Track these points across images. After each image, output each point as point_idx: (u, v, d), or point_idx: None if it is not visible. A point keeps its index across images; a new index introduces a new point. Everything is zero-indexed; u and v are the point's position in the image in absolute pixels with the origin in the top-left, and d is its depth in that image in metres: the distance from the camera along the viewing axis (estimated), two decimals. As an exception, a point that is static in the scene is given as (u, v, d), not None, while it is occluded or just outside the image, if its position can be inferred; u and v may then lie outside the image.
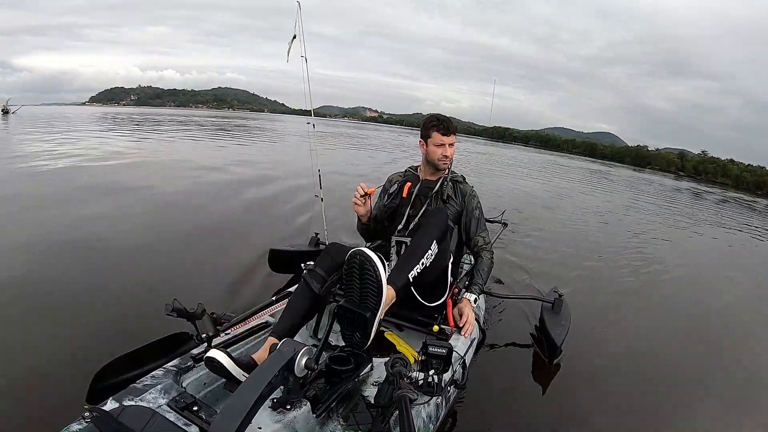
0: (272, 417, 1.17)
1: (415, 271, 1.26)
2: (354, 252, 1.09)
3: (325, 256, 1.38)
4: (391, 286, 1.19)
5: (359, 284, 1.08)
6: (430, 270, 1.37)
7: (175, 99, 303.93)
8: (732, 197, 22.80)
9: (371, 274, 1.07)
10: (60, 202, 3.80)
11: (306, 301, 1.32)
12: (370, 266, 1.07)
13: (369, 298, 1.08)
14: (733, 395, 2.02)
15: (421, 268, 1.28)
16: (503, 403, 1.69)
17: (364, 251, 1.08)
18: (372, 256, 1.07)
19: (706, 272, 4.56)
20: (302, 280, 1.35)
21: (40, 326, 1.83)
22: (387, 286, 1.15)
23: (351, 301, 1.11)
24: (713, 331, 2.82)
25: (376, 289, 1.07)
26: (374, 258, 1.08)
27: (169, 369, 1.13)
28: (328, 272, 1.34)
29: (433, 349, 1.14)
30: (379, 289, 1.07)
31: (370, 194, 1.57)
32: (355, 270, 1.09)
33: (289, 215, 4.04)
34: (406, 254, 1.31)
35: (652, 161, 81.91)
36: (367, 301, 1.09)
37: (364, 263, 1.07)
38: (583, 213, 7.38)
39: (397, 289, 1.20)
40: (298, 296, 1.34)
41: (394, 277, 1.23)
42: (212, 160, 7.73)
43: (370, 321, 1.07)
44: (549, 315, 2.16)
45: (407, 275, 1.25)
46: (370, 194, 1.57)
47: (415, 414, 1.09)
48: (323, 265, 1.35)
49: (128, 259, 2.65)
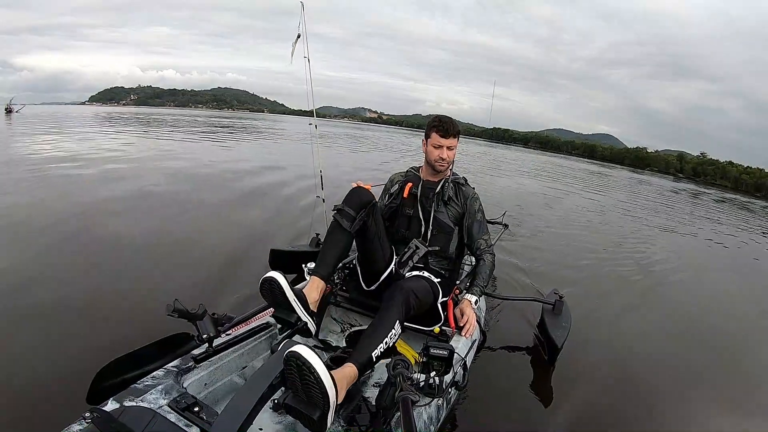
0: (273, 418, 1.17)
1: (379, 351, 1.19)
2: (288, 356, 0.95)
3: (352, 195, 1.46)
4: (353, 364, 1.12)
5: (301, 386, 0.96)
6: (420, 307, 1.41)
7: (175, 99, 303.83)
8: (728, 198, 22.89)
9: (311, 380, 0.93)
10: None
11: (340, 240, 1.42)
12: (308, 372, 0.93)
13: (315, 399, 0.95)
14: (734, 395, 2.02)
15: (385, 347, 1.21)
16: (504, 405, 1.69)
17: (298, 353, 0.93)
18: (309, 359, 0.93)
19: (703, 272, 4.58)
20: (333, 220, 1.44)
21: (41, 326, 1.82)
22: (348, 365, 1.11)
23: (298, 399, 0.97)
24: (712, 331, 2.83)
25: (320, 392, 0.94)
26: (311, 361, 0.93)
27: (170, 369, 1.13)
28: (356, 210, 1.43)
29: (434, 350, 1.14)
30: (324, 394, 0.93)
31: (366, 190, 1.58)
32: (294, 373, 0.96)
33: (293, 218, 4.05)
34: (368, 334, 1.23)
35: (651, 163, 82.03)
36: (313, 401, 0.95)
37: (302, 368, 0.93)
38: (582, 211, 7.43)
39: (360, 367, 1.13)
40: (332, 235, 1.44)
41: (357, 356, 1.16)
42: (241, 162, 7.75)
43: (320, 421, 0.94)
44: (549, 316, 2.16)
45: (370, 354, 1.18)
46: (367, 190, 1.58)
47: (416, 415, 1.08)
48: (351, 204, 1.44)
49: (130, 259, 2.65)
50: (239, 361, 1.36)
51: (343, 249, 1.43)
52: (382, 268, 1.55)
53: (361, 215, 1.44)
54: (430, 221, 1.66)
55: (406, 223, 1.69)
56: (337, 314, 1.80)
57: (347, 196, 1.47)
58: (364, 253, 1.57)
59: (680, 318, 2.99)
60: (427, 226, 1.66)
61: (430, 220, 1.66)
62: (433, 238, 1.66)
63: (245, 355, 1.38)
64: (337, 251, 1.42)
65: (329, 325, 1.78)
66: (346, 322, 1.78)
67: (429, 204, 1.67)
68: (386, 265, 1.56)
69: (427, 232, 1.66)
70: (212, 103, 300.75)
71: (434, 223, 1.66)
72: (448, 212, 1.67)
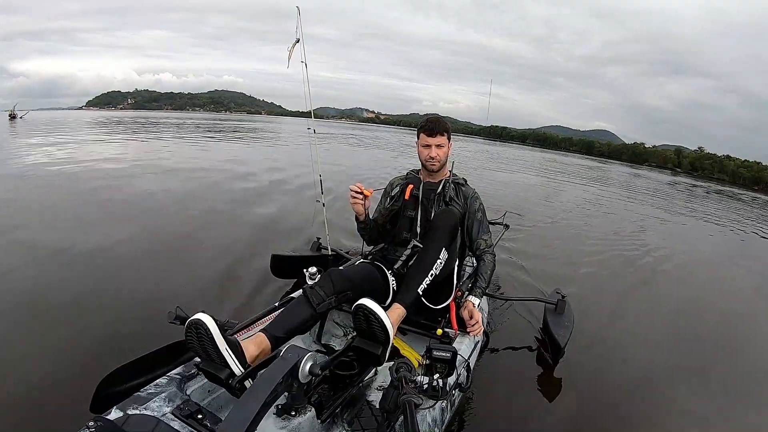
0: (277, 423, 1.17)
1: (425, 284, 1.32)
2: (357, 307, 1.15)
3: (326, 279, 1.38)
4: (400, 304, 1.27)
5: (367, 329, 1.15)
6: (438, 275, 1.41)
7: (173, 102, 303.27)
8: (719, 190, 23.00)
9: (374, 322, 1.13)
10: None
11: (304, 313, 1.31)
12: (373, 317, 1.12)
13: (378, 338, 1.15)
14: (736, 395, 2.02)
15: (430, 279, 1.33)
16: (508, 406, 1.69)
17: (364, 304, 1.13)
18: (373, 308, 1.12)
19: (706, 267, 4.60)
20: (303, 292, 1.35)
21: (44, 335, 1.82)
22: (396, 306, 1.29)
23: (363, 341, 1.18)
24: (715, 328, 2.83)
25: (382, 331, 1.13)
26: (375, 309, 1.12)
27: (172, 377, 1.13)
28: (327, 294, 1.34)
29: (437, 352, 1.14)
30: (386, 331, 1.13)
31: (367, 195, 1.57)
32: (361, 320, 1.16)
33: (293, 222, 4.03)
34: (416, 266, 1.35)
35: (649, 158, 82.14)
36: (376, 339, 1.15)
37: (368, 315, 1.13)
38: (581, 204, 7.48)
39: (406, 306, 1.27)
40: (297, 305, 1.33)
41: (403, 295, 1.29)
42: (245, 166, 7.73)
43: (382, 354, 1.16)
44: (552, 316, 2.16)
45: (416, 290, 1.31)
46: (368, 195, 1.57)
47: (421, 418, 1.08)
48: (324, 287, 1.35)
49: (133, 267, 2.64)
50: (242, 367, 1.35)
51: (304, 322, 1.30)
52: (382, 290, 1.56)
53: (330, 300, 1.33)
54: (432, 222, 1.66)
55: (407, 225, 1.69)
56: (339, 318, 1.80)
57: (321, 278, 1.40)
58: None
59: (686, 315, 2.98)
60: (429, 226, 1.66)
61: (431, 221, 1.66)
62: (435, 239, 1.66)
63: None
64: (299, 322, 1.28)
65: (332, 329, 1.78)
66: (348, 326, 1.77)
67: (430, 205, 1.67)
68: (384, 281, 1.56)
69: (428, 233, 1.66)
70: (210, 106, 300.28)
71: None
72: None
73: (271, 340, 1.20)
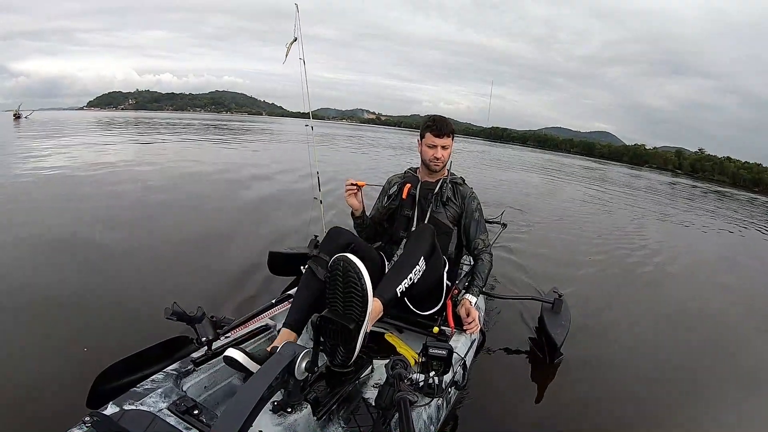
0: (273, 420, 1.17)
1: (403, 286, 1.23)
2: (337, 258, 1.01)
3: (327, 240, 1.39)
4: (378, 299, 1.15)
5: (342, 293, 1.00)
6: (423, 282, 1.37)
7: (174, 103, 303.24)
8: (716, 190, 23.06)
9: (355, 283, 0.99)
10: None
11: (314, 290, 1.32)
12: (354, 274, 0.98)
13: (354, 309, 1.00)
14: (737, 394, 2.02)
15: (409, 283, 1.25)
16: (504, 404, 1.69)
17: (348, 257, 1.00)
18: (356, 263, 0.99)
19: (707, 266, 4.60)
20: (307, 267, 1.36)
21: (40, 330, 1.82)
22: (374, 298, 1.11)
23: (335, 311, 1.03)
24: (715, 328, 2.82)
25: (361, 299, 0.99)
26: (358, 265, 0.99)
27: (169, 373, 1.13)
28: (331, 256, 1.34)
29: (433, 350, 1.14)
30: (364, 299, 0.99)
31: (360, 186, 1.62)
32: (338, 277, 1.01)
33: (290, 219, 4.04)
34: (395, 268, 1.28)
35: (650, 160, 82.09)
36: (351, 311, 1.01)
37: (348, 270, 0.99)
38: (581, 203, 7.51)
39: (384, 302, 1.16)
40: (305, 285, 1.34)
41: (382, 290, 1.19)
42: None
43: (354, 333, 0.98)
44: (549, 315, 2.16)
45: (395, 289, 1.22)
46: (361, 186, 1.62)
47: (416, 416, 1.08)
48: (327, 249, 1.35)
49: (128, 262, 2.65)
50: (239, 363, 1.36)
51: (317, 298, 1.32)
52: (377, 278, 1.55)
53: None
54: (428, 221, 1.66)
55: (404, 224, 1.69)
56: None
57: (324, 239, 1.41)
58: None
59: (683, 314, 2.98)
60: None
61: (428, 221, 1.66)
62: (432, 238, 1.66)
63: None
64: (310, 301, 1.32)
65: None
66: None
67: (428, 204, 1.67)
68: (380, 272, 1.55)
69: (426, 232, 1.66)
70: (210, 107, 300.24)
71: (432, 224, 1.66)
72: (447, 212, 1.68)
73: (297, 331, 1.29)
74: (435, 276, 1.47)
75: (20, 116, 20.58)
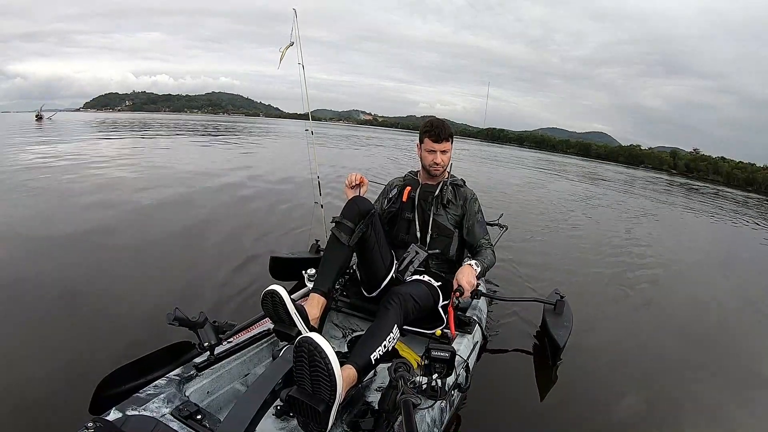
0: (276, 424, 1.17)
1: (378, 354, 1.19)
2: (301, 341, 0.96)
3: (351, 206, 1.43)
4: (352, 366, 1.12)
5: (309, 375, 0.96)
6: (420, 311, 1.41)
7: (170, 104, 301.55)
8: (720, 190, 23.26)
9: (322, 367, 0.94)
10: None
11: (339, 254, 1.39)
12: (319, 357, 0.94)
13: (322, 390, 0.96)
14: (738, 394, 2.03)
15: (383, 350, 1.21)
16: (507, 406, 1.69)
17: (312, 339, 0.94)
18: (321, 345, 0.94)
19: (708, 266, 4.63)
20: (331, 234, 1.41)
21: (43, 335, 1.81)
22: (348, 366, 1.10)
23: (302, 391, 0.98)
24: (716, 326, 2.85)
25: (329, 382, 0.94)
26: (324, 347, 0.94)
27: (172, 378, 1.13)
28: (354, 222, 1.39)
29: (436, 353, 1.14)
30: (333, 383, 0.94)
31: (359, 184, 1.65)
32: (303, 360, 0.96)
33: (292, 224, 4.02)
34: (367, 337, 1.24)
35: (645, 160, 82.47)
36: (320, 392, 0.96)
37: (313, 354, 0.94)
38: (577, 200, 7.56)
39: (359, 369, 1.13)
40: (331, 250, 1.41)
41: (356, 357, 1.16)
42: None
43: (324, 415, 0.95)
44: (551, 316, 2.16)
45: (369, 357, 1.18)
46: (360, 184, 1.65)
47: (420, 418, 1.08)
48: (349, 215, 1.41)
49: (131, 267, 2.64)
50: (241, 368, 1.35)
51: (343, 263, 1.41)
52: (383, 275, 1.54)
53: (360, 227, 1.41)
54: (430, 224, 1.66)
55: (405, 227, 1.69)
56: (338, 320, 1.80)
57: (345, 207, 1.45)
58: (364, 261, 1.55)
59: (684, 313, 3.00)
60: (427, 229, 1.67)
61: (429, 224, 1.66)
62: (433, 241, 1.66)
63: (247, 362, 1.38)
64: (337, 266, 1.39)
65: (330, 331, 1.78)
66: (347, 327, 1.77)
67: (428, 207, 1.67)
68: (387, 271, 1.54)
69: (427, 235, 1.66)
70: (208, 108, 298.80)
71: (434, 226, 1.66)
72: (448, 215, 1.68)
73: (326, 295, 1.34)
74: (430, 304, 1.49)
75: (42, 117, 20.27)
